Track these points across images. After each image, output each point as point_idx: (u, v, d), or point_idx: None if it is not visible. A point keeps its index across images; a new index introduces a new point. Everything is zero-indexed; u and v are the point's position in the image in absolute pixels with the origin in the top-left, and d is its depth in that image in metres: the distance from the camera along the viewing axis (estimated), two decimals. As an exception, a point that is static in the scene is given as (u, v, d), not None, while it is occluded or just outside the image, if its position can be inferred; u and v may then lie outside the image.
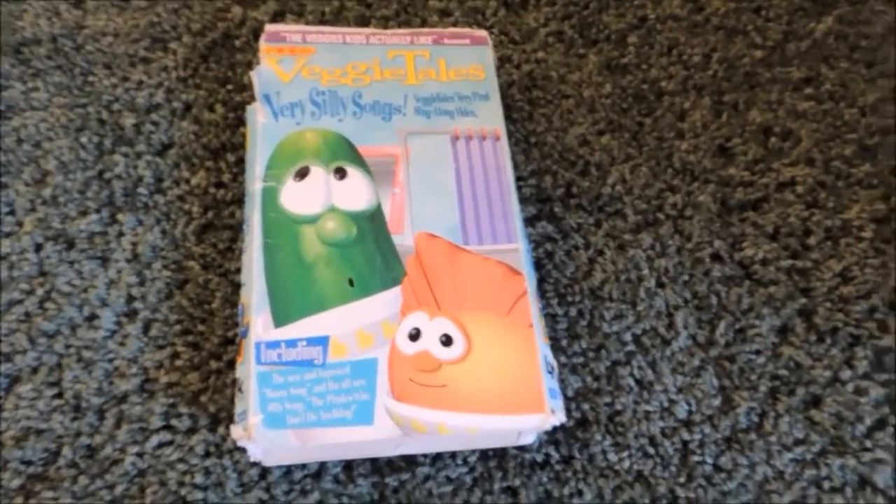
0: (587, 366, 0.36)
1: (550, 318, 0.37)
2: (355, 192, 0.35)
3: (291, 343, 0.31)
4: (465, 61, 0.40)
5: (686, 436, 0.34)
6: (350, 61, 0.39)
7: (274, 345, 0.31)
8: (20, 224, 0.36)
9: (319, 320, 0.31)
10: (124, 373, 0.33)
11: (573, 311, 0.37)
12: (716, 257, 0.40)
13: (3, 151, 0.38)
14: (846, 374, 0.36)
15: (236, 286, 0.36)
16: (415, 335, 0.32)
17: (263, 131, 0.36)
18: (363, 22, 0.46)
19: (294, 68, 0.38)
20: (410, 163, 0.36)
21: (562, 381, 0.35)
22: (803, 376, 0.36)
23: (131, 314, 0.35)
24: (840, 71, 0.49)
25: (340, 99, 0.37)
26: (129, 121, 0.40)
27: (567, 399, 0.35)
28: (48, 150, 0.38)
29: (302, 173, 0.35)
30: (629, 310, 0.38)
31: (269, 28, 0.39)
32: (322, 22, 0.46)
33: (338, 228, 0.33)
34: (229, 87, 0.42)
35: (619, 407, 0.35)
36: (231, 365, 0.34)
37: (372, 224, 0.34)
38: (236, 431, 0.29)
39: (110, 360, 0.33)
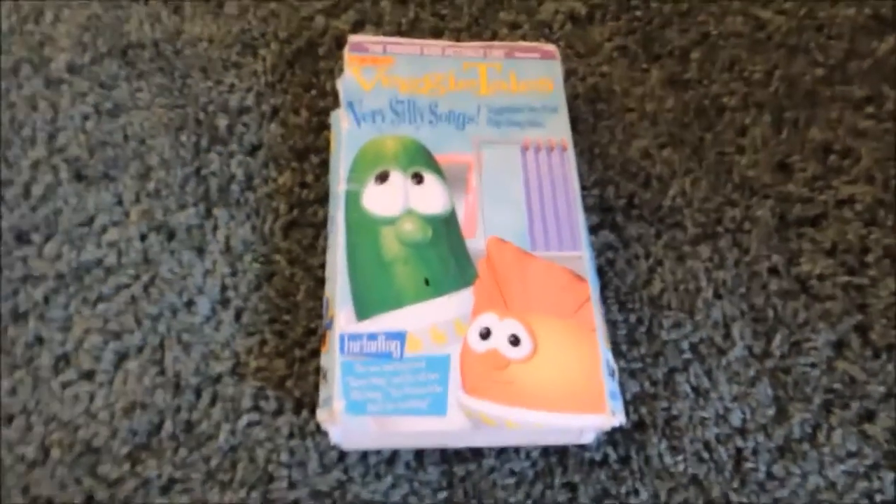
0: (645, 371, 0.38)
1: (611, 324, 0.39)
2: (431, 197, 0.37)
3: (372, 336, 0.33)
4: (535, 74, 0.42)
5: (740, 443, 0.36)
6: (427, 72, 0.41)
7: (356, 337, 0.33)
8: (127, 214, 0.40)
9: (397, 316, 0.34)
10: (219, 356, 0.36)
11: (633, 318, 0.39)
12: (773, 271, 0.41)
13: (111, 146, 0.41)
14: (899, 390, 0.38)
15: (319, 281, 0.39)
16: (485, 334, 0.34)
17: (347, 137, 0.38)
18: (437, 32, 0.48)
19: (375, 77, 0.40)
20: (482, 170, 0.38)
21: (621, 385, 0.37)
22: (858, 390, 0.38)
23: (224, 302, 0.38)
24: (903, 91, 0.50)
25: (418, 108, 0.40)
26: (222, 122, 0.43)
27: (625, 402, 0.37)
28: (151, 146, 0.42)
29: (382, 177, 0.37)
30: (687, 319, 0.39)
31: (353, 39, 0.42)
32: (399, 32, 0.48)
33: (415, 230, 0.36)
34: (313, 92, 0.45)
35: (675, 412, 0.37)
36: (314, 354, 0.37)
37: (446, 227, 0.36)
38: (321, 415, 0.32)
39: (206, 344, 0.37)
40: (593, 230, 0.42)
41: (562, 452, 0.36)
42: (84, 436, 0.34)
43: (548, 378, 0.33)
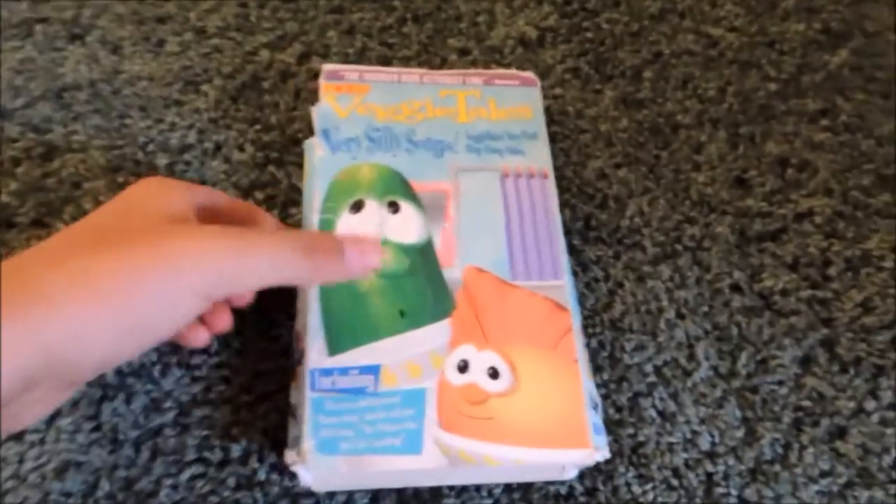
0: (609, 397, 0.36)
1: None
2: (407, 226, 0.36)
3: (344, 371, 0.32)
4: (515, 101, 0.41)
5: (710, 467, 0.34)
6: (404, 99, 0.40)
7: (328, 372, 0.32)
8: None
9: (371, 350, 0.32)
10: (160, 406, 0.34)
11: (594, 343, 0.38)
12: (735, 288, 0.40)
13: (45, 192, 0.40)
14: (871, 404, 0.36)
15: (270, 321, 0.37)
16: (463, 367, 0.32)
17: (320, 165, 0.37)
18: (385, 61, 0.48)
19: (351, 105, 0.39)
20: (461, 198, 0.37)
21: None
22: (827, 407, 0.36)
23: (170, 347, 0.36)
24: (856, 102, 0.50)
25: (395, 135, 0.38)
26: (162, 161, 0.42)
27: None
28: (87, 190, 0.40)
29: (357, 206, 0.36)
30: (650, 341, 0.38)
31: (328, 67, 0.41)
32: (346, 62, 0.47)
33: (390, 260, 0.34)
34: (257, 127, 0.44)
35: (641, 438, 0.35)
36: (261, 398, 0.35)
37: (423, 257, 0.35)
38: (290, 456, 0.30)
39: (147, 393, 0.35)
40: (551, 255, 0.41)
41: (526, 488, 0.34)
42: (13, 501, 0.32)
43: (528, 412, 0.31)
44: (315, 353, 0.32)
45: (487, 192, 0.37)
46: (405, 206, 0.36)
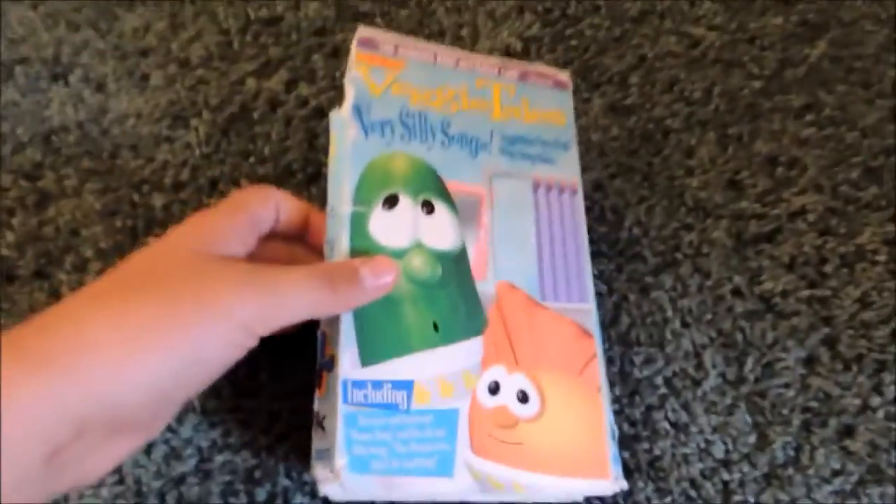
0: (623, 412, 0.37)
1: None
2: (442, 230, 0.33)
3: (377, 384, 0.30)
4: (547, 105, 0.38)
5: (726, 475, 0.35)
6: (439, 84, 0.36)
7: (360, 384, 0.30)
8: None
9: (404, 363, 0.31)
10: (181, 454, 0.34)
11: (605, 359, 0.38)
12: (736, 293, 0.41)
13: (43, 241, 0.39)
14: (876, 400, 0.37)
15: (281, 361, 0.37)
16: (494, 389, 0.31)
17: (353, 148, 0.33)
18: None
19: (385, 82, 0.36)
20: (494, 205, 0.35)
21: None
22: (834, 406, 0.37)
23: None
24: (838, 94, 0.51)
25: (430, 124, 0.35)
26: (158, 201, 0.41)
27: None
28: (85, 237, 0.39)
29: (391, 201, 0.33)
30: (658, 353, 0.39)
31: (363, 32, 0.36)
32: (333, 87, 0.47)
33: (424, 267, 0.32)
34: (251, 160, 0.43)
35: (657, 452, 0.36)
36: (280, 439, 0.35)
37: (457, 266, 0.33)
38: (320, 473, 0.29)
39: (166, 442, 0.34)
40: (554, 271, 0.41)
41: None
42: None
43: (554, 440, 0.31)
44: (347, 362, 0.30)
45: (520, 203, 0.35)
46: (440, 207, 0.34)
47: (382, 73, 0.35)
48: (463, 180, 0.35)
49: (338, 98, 0.38)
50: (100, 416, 0.24)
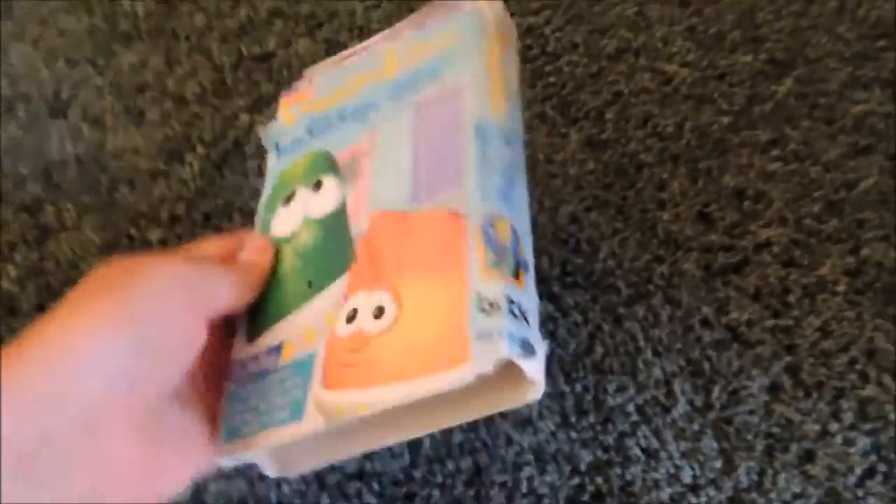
0: (596, 439, 0.39)
1: (559, 396, 0.40)
2: (326, 198, 0.35)
3: (254, 358, 0.31)
4: (441, 32, 0.37)
5: (693, 500, 0.37)
6: (346, 80, 0.38)
7: (243, 363, 0.32)
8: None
9: (281, 327, 0.32)
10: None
11: (578, 388, 0.41)
12: (705, 323, 0.43)
13: (44, 276, 0.41)
14: (834, 426, 0.40)
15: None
16: (352, 316, 0.30)
17: (270, 171, 0.38)
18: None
19: (299, 110, 0.39)
20: (373, 149, 0.35)
21: (574, 455, 0.38)
22: (795, 432, 0.40)
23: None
24: (803, 130, 0.53)
25: (330, 117, 0.37)
26: (154, 235, 0.43)
27: (580, 473, 0.38)
28: (85, 271, 0.41)
29: (288, 198, 0.36)
30: (630, 381, 0.41)
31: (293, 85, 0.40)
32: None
33: (308, 238, 0.34)
34: (245, 194, 0.45)
35: (629, 477, 0.38)
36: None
37: (336, 222, 0.34)
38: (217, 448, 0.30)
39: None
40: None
41: (526, 531, 0.36)
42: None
43: (410, 342, 0.27)
44: (238, 343, 0.32)
45: (399, 132, 0.34)
46: (327, 181, 0.35)
47: (299, 106, 0.39)
48: (352, 144, 0.36)
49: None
50: (64, 414, 0.24)
